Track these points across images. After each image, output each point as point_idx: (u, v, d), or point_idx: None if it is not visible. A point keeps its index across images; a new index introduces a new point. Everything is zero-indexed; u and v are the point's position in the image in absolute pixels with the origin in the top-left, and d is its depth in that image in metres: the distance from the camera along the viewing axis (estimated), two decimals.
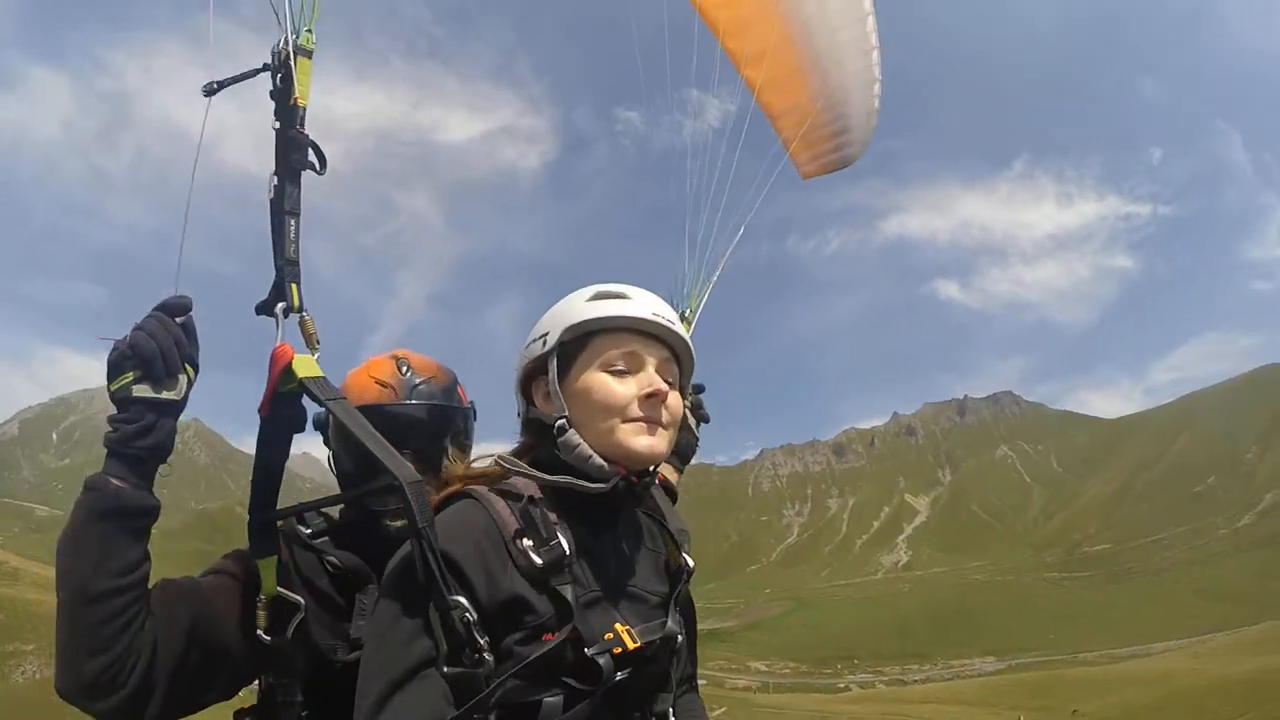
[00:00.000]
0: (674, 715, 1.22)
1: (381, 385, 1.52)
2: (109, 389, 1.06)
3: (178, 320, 1.10)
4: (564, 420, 1.13)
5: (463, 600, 0.96)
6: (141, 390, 1.06)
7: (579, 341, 1.16)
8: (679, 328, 1.19)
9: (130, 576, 1.05)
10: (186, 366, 1.12)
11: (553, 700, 1.01)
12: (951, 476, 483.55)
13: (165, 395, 1.08)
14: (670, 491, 1.83)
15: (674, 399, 1.17)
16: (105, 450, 1.07)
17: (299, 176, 1.30)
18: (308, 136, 1.31)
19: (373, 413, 1.39)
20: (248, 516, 1.20)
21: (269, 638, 1.19)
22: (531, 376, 1.21)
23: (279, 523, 1.28)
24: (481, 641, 0.96)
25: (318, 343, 1.27)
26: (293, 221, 1.28)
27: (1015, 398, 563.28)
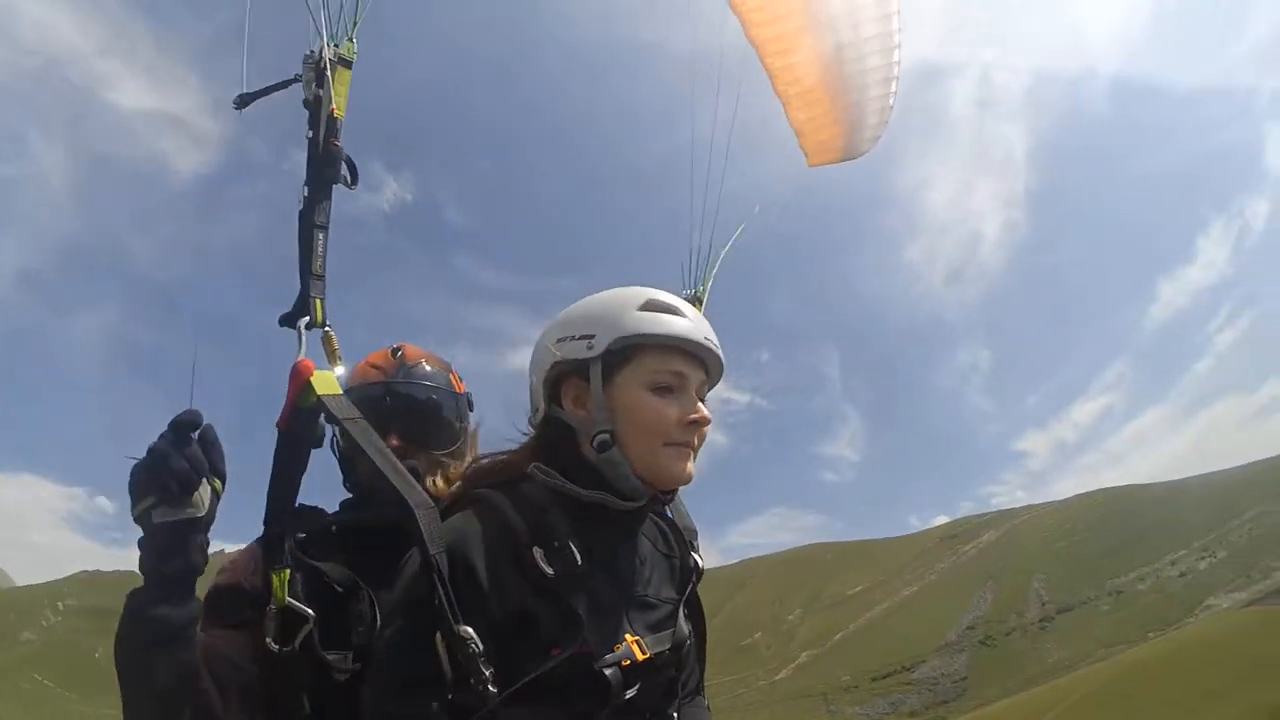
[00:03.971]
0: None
1: (375, 368, 1.56)
2: (132, 513, 1.03)
3: (194, 434, 1.03)
4: (607, 435, 1.08)
5: (471, 631, 0.92)
6: (161, 515, 1.02)
7: (625, 351, 1.09)
8: (721, 352, 1.15)
9: (185, 673, 1.07)
10: (212, 478, 1.06)
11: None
12: None
13: (185, 515, 1.03)
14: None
15: (707, 426, 1.13)
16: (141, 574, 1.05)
17: (331, 190, 1.28)
18: (343, 150, 1.29)
19: (358, 391, 1.47)
20: (262, 529, 1.15)
21: (277, 647, 1.17)
22: (564, 376, 1.13)
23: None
24: (486, 673, 0.91)
25: (340, 359, 1.26)
26: (321, 236, 1.27)
27: None
